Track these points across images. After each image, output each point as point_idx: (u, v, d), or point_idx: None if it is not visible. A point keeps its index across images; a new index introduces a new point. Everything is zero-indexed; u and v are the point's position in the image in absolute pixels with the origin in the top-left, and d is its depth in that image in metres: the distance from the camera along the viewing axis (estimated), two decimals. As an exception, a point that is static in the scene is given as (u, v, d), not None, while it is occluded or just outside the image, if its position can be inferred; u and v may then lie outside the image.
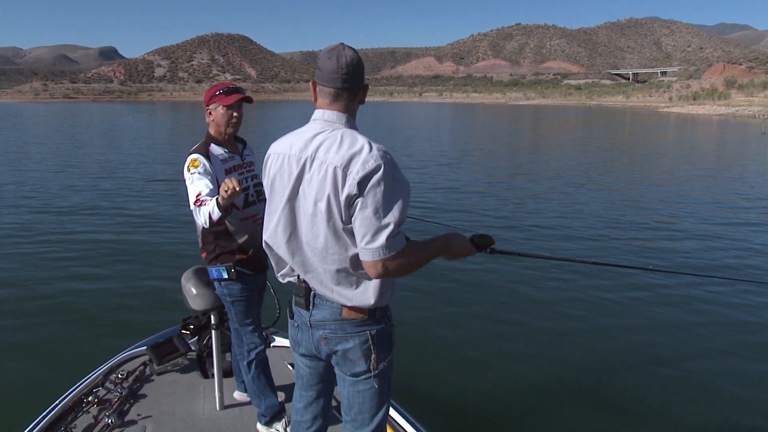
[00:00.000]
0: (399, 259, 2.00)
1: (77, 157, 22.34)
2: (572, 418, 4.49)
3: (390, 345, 2.25)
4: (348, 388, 2.28)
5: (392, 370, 2.30)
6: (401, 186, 2.02)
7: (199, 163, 3.02)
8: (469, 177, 17.94)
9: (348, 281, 2.12)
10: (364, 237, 1.99)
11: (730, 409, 4.62)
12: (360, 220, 1.99)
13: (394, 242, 1.98)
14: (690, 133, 42.36)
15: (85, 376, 3.80)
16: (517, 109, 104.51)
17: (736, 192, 15.17)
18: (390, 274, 2.02)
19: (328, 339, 2.21)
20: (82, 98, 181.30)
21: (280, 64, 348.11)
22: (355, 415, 2.29)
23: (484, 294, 7.14)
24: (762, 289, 7.25)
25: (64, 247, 9.08)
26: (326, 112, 2.14)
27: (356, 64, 2.10)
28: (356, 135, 2.07)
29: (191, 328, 4.09)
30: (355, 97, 2.16)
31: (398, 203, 1.99)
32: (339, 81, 2.10)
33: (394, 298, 2.25)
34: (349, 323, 2.17)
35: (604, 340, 5.88)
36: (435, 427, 3.34)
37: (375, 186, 1.96)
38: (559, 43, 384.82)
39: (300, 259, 2.18)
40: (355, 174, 1.97)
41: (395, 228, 1.98)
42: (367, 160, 1.98)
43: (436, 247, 2.17)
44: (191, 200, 2.94)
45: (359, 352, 2.18)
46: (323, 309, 2.20)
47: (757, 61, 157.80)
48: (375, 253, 1.97)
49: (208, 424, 3.41)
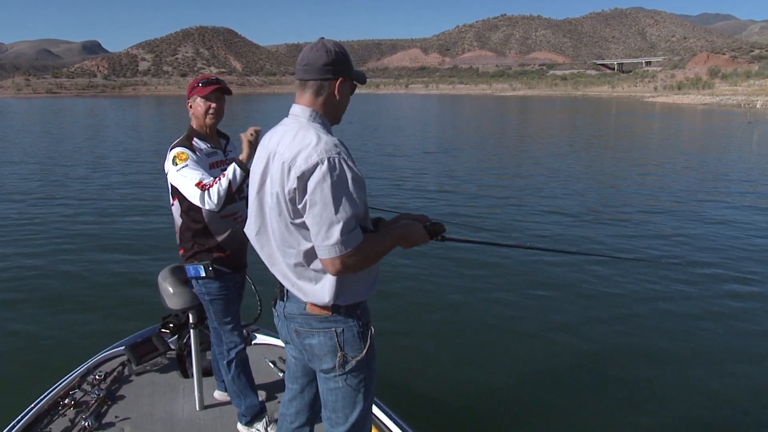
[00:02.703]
0: (357, 255, 1.95)
1: (55, 154, 22.02)
2: (559, 411, 4.47)
3: (361, 345, 2.17)
4: (322, 385, 2.27)
5: (368, 370, 2.22)
6: (351, 179, 1.95)
7: (186, 156, 2.96)
8: (446, 168, 17.95)
9: (306, 276, 2.10)
10: (317, 234, 1.94)
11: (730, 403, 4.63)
12: (311, 218, 1.95)
13: (349, 238, 1.92)
14: (676, 122, 42.63)
15: (61, 378, 3.71)
16: (503, 100, 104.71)
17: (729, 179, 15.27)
18: (349, 270, 1.97)
19: (299, 332, 2.21)
20: (66, 93, 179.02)
21: (265, 56, 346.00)
22: (329, 413, 2.26)
23: (466, 289, 7.08)
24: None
25: (39, 245, 8.92)
26: (295, 105, 2.14)
27: (320, 56, 2.05)
28: (311, 129, 2.02)
29: (171, 326, 4.01)
30: (320, 91, 2.10)
31: (348, 198, 1.92)
32: (300, 72, 2.11)
33: (367, 296, 2.20)
34: (313, 318, 2.15)
35: (587, 332, 5.86)
36: (420, 425, 3.29)
37: (320, 182, 1.90)
38: (544, 34, 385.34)
39: (267, 251, 2.19)
40: (296, 168, 1.93)
41: (349, 223, 1.92)
42: (311, 154, 1.93)
43: (395, 237, 2.11)
44: (190, 189, 2.85)
45: (325, 349, 2.16)
46: (293, 302, 2.20)
47: (741, 51, 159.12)
48: (330, 250, 1.92)
49: (187, 425, 3.35)
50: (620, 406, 4.51)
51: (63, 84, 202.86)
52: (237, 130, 3.00)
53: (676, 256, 8.29)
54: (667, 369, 5.10)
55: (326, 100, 2.12)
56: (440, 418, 4.34)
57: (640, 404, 4.52)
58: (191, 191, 2.85)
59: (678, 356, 5.36)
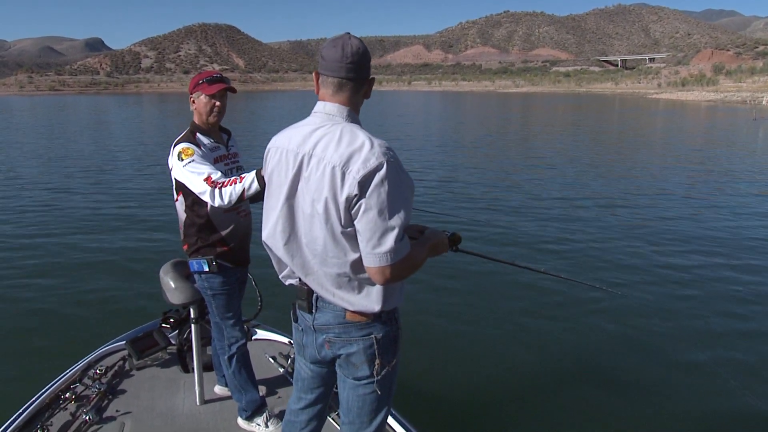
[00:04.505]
0: (404, 264, 1.89)
1: (57, 150, 22.03)
2: (558, 411, 4.46)
3: (395, 349, 2.14)
4: (348, 391, 2.18)
5: (395, 374, 2.19)
6: (405, 185, 1.89)
7: (192, 151, 2.93)
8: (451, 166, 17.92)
9: (350, 285, 2.01)
10: (369, 241, 1.86)
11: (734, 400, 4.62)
12: (364, 224, 1.85)
13: (401, 246, 1.86)
14: (682, 119, 42.50)
15: (62, 372, 3.71)
16: (506, 96, 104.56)
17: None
18: (395, 279, 1.92)
19: (332, 342, 2.12)
20: (68, 90, 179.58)
21: (268, 53, 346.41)
22: (353, 418, 2.21)
23: (476, 292, 7.00)
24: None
25: (41, 239, 8.93)
26: (327, 104, 2.02)
27: (362, 53, 1.98)
28: (357, 130, 1.93)
29: (172, 321, 4.00)
30: (359, 90, 2.03)
31: (404, 204, 1.87)
32: (343, 70, 1.97)
33: (403, 299, 2.14)
34: (353, 326, 2.07)
35: (591, 334, 5.83)
36: (424, 426, 3.29)
37: (378, 186, 1.82)
38: (547, 30, 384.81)
39: (300, 261, 2.07)
40: (355, 173, 1.83)
41: (401, 231, 1.86)
42: (368, 158, 1.84)
43: (430, 248, 2.09)
44: (198, 184, 2.80)
45: (363, 357, 2.09)
46: (326, 312, 2.09)
47: (745, 47, 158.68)
48: (382, 258, 1.85)
49: (188, 420, 3.34)
50: (623, 407, 4.48)
51: (66, 81, 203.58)
52: (239, 126, 2.96)
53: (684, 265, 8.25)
54: (675, 371, 5.05)
55: (361, 99, 2.07)
56: (441, 417, 4.32)
57: (645, 404, 4.49)
58: (200, 186, 2.81)
59: (684, 358, 5.30)
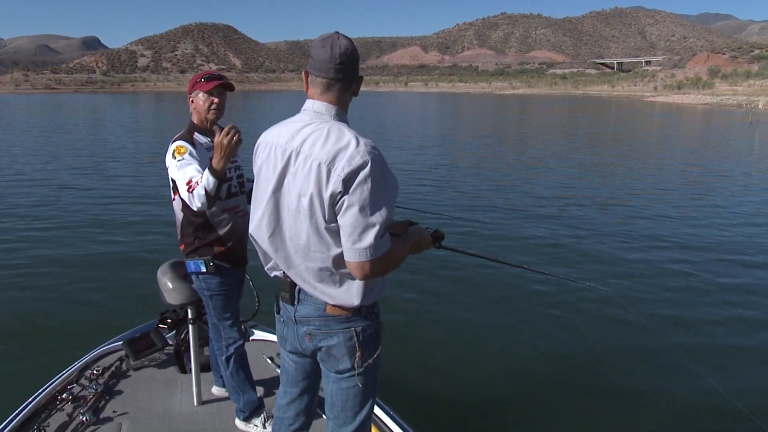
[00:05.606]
0: (384, 260, 1.95)
1: (54, 149, 21.94)
2: (558, 411, 4.47)
3: (376, 343, 2.19)
4: (332, 385, 2.23)
5: (378, 368, 2.24)
6: (389, 184, 1.95)
7: (185, 150, 2.95)
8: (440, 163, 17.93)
9: (331, 279, 2.06)
10: (350, 236, 1.91)
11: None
12: (346, 219, 1.91)
13: (381, 243, 1.92)
14: (679, 122, 42.60)
15: (59, 372, 3.70)
16: (503, 98, 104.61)
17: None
18: (375, 275, 1.97)
19: (313, 335, 2.16)
20: (64, 89, 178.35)
21: (265, 53, 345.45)
22: (338, 413, 2.25)
23: (466, 288, 7.06)
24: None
25: (37, 239, 8.91)
26: (316, 102, 2.06)
27: (350, 54, 2.02)
28: (344, 129, 1.98)
29: (169, 322, 4.00)
30: (347, 89, 2.08)
31: (386, 202, 1.92)
32: (332, 71, 2.01)
33: (384, 294, 2.20)
34: (333, 320, 2.11)
35: (586, 332, 5.86)
36: (418, 424, 3.29)
37: (361, 184, 1.88)
38: (544, 33, 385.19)
39: (283, 254, 2.12)
40: (340, 171, 1.88)
41: (382, 228, 1.91)
42: (354, 155, 1.89)
43: (412, 244, 2.13)
44: (182, 188, 2.83)
45: (344, 349, 2.13)
46: (308, 305, 2.14)
47: (740, 51, 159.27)
48: (362, 254, 1.91)
49: (185, 421, 3.34)
50: (621, 407, 4.50)
51: (62, 80, 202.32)
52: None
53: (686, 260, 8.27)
54: (668, 370, 5.08)
55: (349, 98, 2.11)
56: (437, 415, 4.34)
57: (641, 405, 4.51)
58: (181, 189, 2.84)
59: (682, 360, 5.29)
